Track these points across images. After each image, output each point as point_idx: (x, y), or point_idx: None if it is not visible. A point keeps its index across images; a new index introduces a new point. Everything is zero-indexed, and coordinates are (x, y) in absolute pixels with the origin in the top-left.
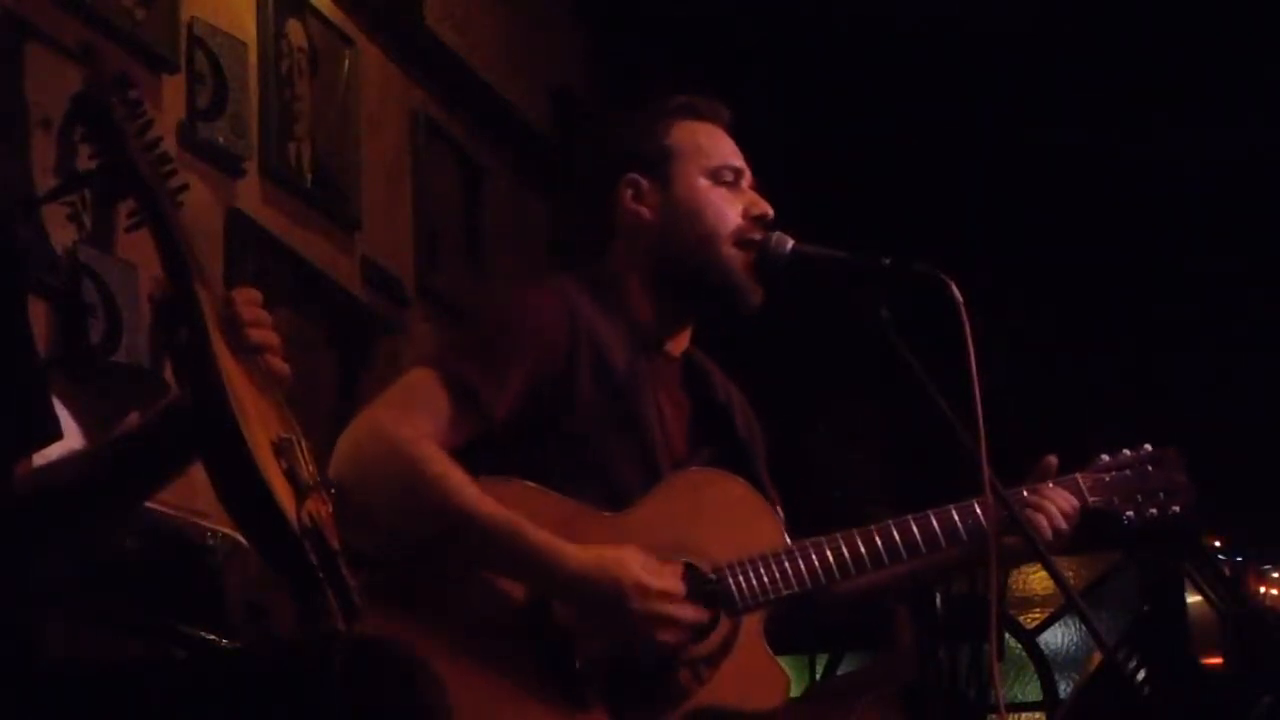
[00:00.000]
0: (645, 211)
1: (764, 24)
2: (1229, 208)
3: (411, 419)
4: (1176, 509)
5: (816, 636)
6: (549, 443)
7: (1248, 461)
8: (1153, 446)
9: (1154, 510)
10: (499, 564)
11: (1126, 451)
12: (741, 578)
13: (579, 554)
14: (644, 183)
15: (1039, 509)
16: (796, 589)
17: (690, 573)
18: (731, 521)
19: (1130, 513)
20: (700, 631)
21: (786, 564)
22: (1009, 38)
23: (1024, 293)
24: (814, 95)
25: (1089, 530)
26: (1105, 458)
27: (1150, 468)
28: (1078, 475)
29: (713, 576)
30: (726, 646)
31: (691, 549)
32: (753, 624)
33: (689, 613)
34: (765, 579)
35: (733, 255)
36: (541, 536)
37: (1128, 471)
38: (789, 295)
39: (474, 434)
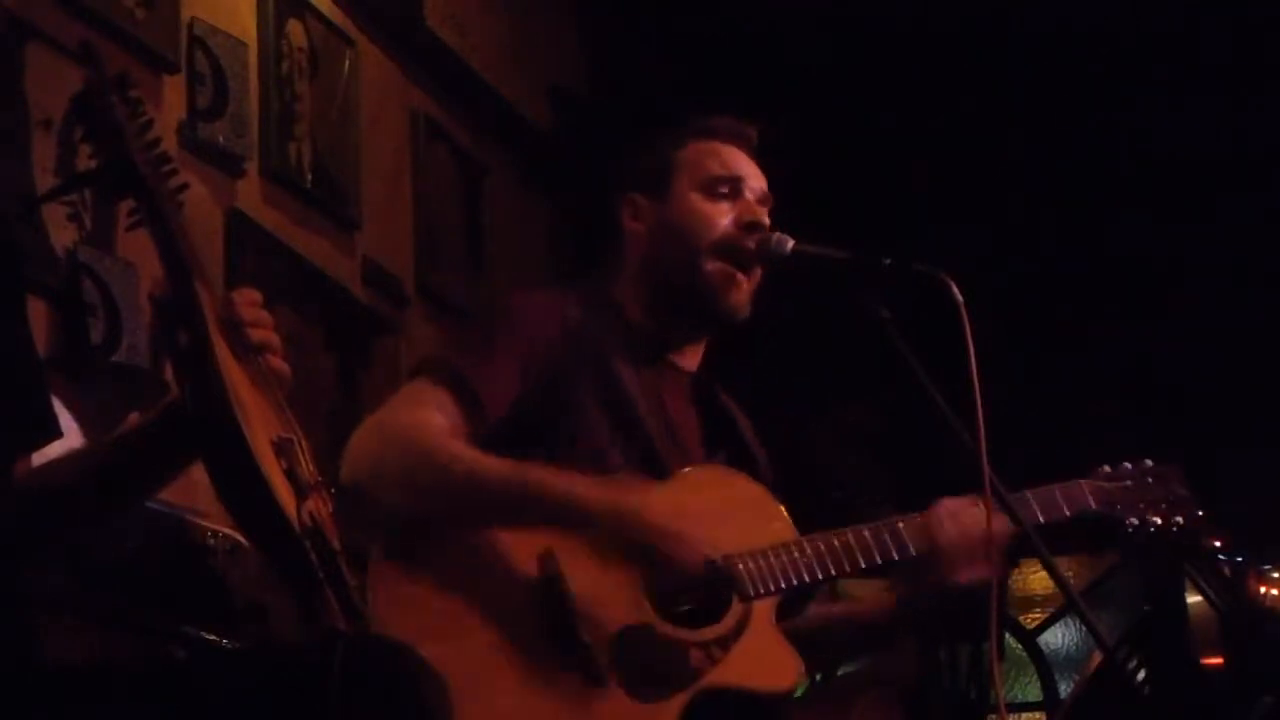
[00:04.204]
0: (640, 228)
1: (763, 24)
2: (1232, 205)
3: (418, 415)
4: (1180, 520)
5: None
6: (548, 445)
7: (1248, 461)
8: (1154, 461)
9: (1158, 519)
10: (522, 514)
11: (1128, 464)
12: (751, 564)
13: (600, 493)
14: (642, 201)
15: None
16: (807, 579)
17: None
18: (742, 517)
19: (1134, 520)
20: (712, 614)
21: (796, 554)
22: (1006, 38)
23: (1024, 291)
24: (813, 94)
25: (1090, 536)
26: (1106, 469)
27: (1151, 480)
28: (1081, 482)
29: (721, 563)
30: (739, 630)
31: (701, 539)
32: (764, 610)
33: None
34: (775, 567)
35: (713, 268)
36: (561, 480)
37: (1129, 482)
38: (789, 295)
39: (475, 431)
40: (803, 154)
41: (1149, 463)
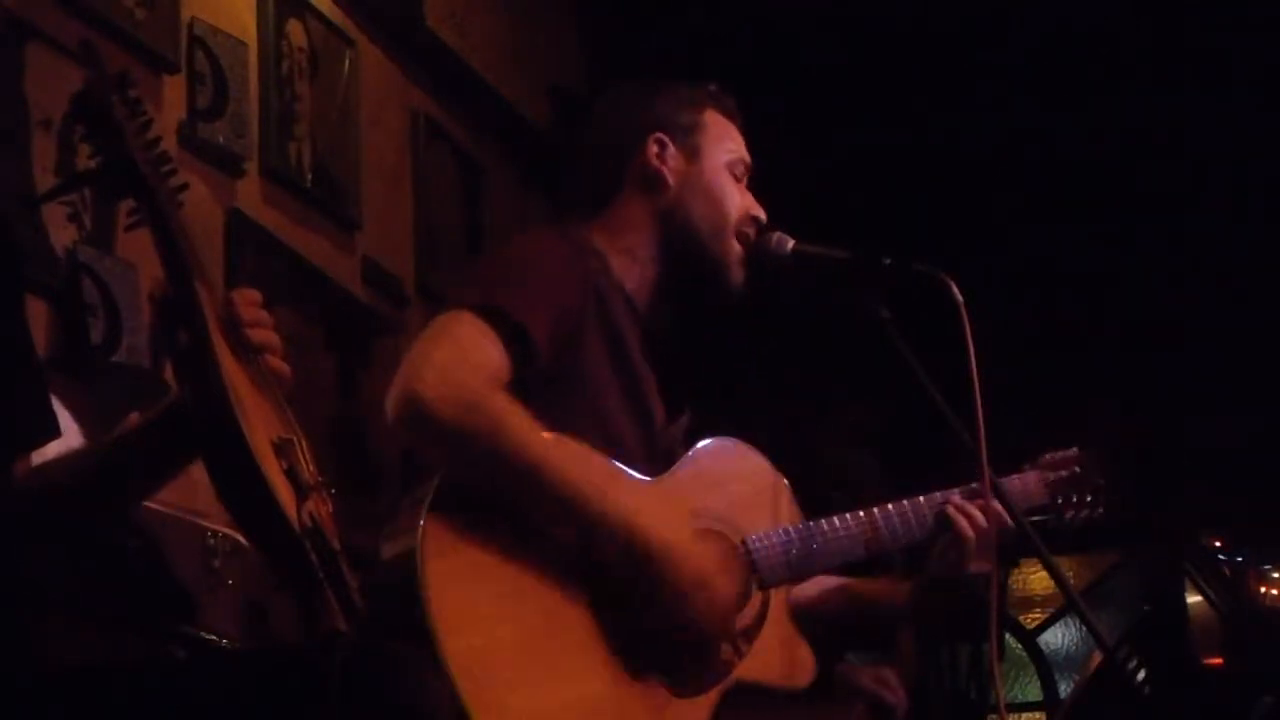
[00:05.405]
0: (667, 173)
1: (763, 24)
2: (1232, 200)
3: (470, 360)
4: (1100, 511)
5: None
6: (555, 390)
7: (1248, 461)
8: (1079, 448)
9: (1085, 512)
10: (578, 523)
11: (1062, 452)
12: (768, 552)
13: (661, 529)
14: (671, 145)
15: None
16: (818, 567)
17: (722, 544)
18: (752, 492)
19: (1071, 513)
20: (738, 604)
21: (811, 541)
22: (1003, 37)
23: (1023, 290)
24: (813, 95)
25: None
26: (1049, 457)
27: (1079, 469)
28: (1032, 474)
29: (743, 548)
30: (760, 620)
31: (720, 517)
32: (780, 598)
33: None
34: (790, 554)
35: (732, 245)
36: (626, 503)
37: (1064, 472)
38: (790, 295)
39: (518, 373)
40: (803, 154)
41: (1075, 450)
